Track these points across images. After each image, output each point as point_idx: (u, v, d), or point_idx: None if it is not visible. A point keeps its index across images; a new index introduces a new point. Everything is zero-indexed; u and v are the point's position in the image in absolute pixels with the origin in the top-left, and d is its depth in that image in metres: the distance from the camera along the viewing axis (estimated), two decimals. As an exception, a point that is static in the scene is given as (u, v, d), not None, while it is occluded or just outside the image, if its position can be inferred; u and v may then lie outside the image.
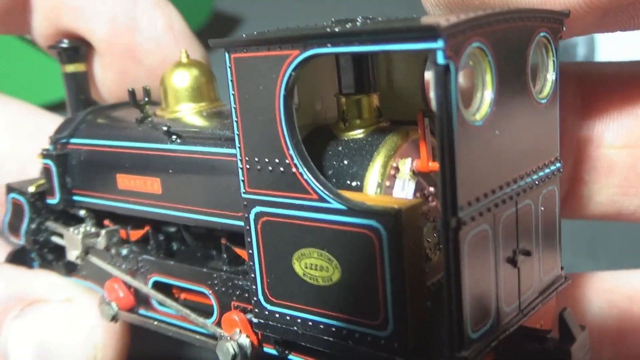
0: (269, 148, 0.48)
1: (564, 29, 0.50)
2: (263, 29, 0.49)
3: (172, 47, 0.78)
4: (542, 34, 0.47)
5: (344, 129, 0.52)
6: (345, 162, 0.50)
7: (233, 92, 0.49)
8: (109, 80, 0.80)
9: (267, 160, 0.48)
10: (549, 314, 0.52)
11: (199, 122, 0.61)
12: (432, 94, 0.40)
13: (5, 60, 1.31)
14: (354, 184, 0.49)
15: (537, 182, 0.49)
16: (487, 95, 0.43)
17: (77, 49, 0.76)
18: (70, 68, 0.76)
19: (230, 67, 0.49)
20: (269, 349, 0.56)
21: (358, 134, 0.52)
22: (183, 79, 0.65)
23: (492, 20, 0.42)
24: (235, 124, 0.49)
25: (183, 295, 0.66)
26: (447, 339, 0.42)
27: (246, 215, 0.51)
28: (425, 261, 0.48)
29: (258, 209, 0.50)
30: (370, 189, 0.49)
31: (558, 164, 0.51)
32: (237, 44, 0.47)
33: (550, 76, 0.49)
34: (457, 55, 0.39)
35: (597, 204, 0.63)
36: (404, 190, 0.49)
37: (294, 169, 0.47)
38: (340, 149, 0.51)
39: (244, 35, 0.49)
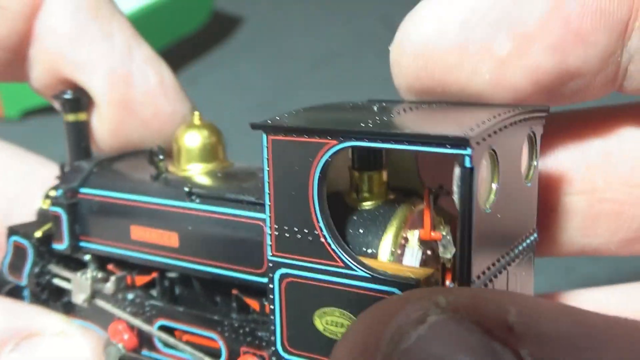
0: (299, 219, 0.55)
1: (544, 122, 0.60)
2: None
3: (162, 101, 0.83)
4: (531, 129, 0.57)
5: (357, 200, 0.60)
6: (361, 230, 0.58)
7: (268, 169, 0.56)
8: (105, 130, 0.84)
9: (296, 229, 0.55)
10: None
11: (215, 183, 0.68)
12: (455, 188, 0.48)
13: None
14: (369, 251, 0.57)
15: (521, 252, 0.58)
16: (493, 187, 0.51)
17: (79, 99, 0.81)
18: (72, 117, 0.81)
19: (267, 147, 0.55)
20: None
21: (370, 205, 0.59)
22: (194, 140, 0.71)
23: (501, 126, 0.51)
24: (267, 195, 0.56)
25: (185, 338, 0.71)
26: None
27: (271, 274, 0.57)
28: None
29: (283, 270, 0.57)
30: (384, 256, 0.56)
31: (535, 234, 0.61)
32: (276, 129, 0.54)
33: (535, 162, 0.59)
34: (478, 159, 0.47)
35: (561, 245, 0.70)
36: (413, 257, 0.57)
37: (322, 239, 0.54)
38: (355, 218, 0.59)
39: (277, 118, 0.55)
